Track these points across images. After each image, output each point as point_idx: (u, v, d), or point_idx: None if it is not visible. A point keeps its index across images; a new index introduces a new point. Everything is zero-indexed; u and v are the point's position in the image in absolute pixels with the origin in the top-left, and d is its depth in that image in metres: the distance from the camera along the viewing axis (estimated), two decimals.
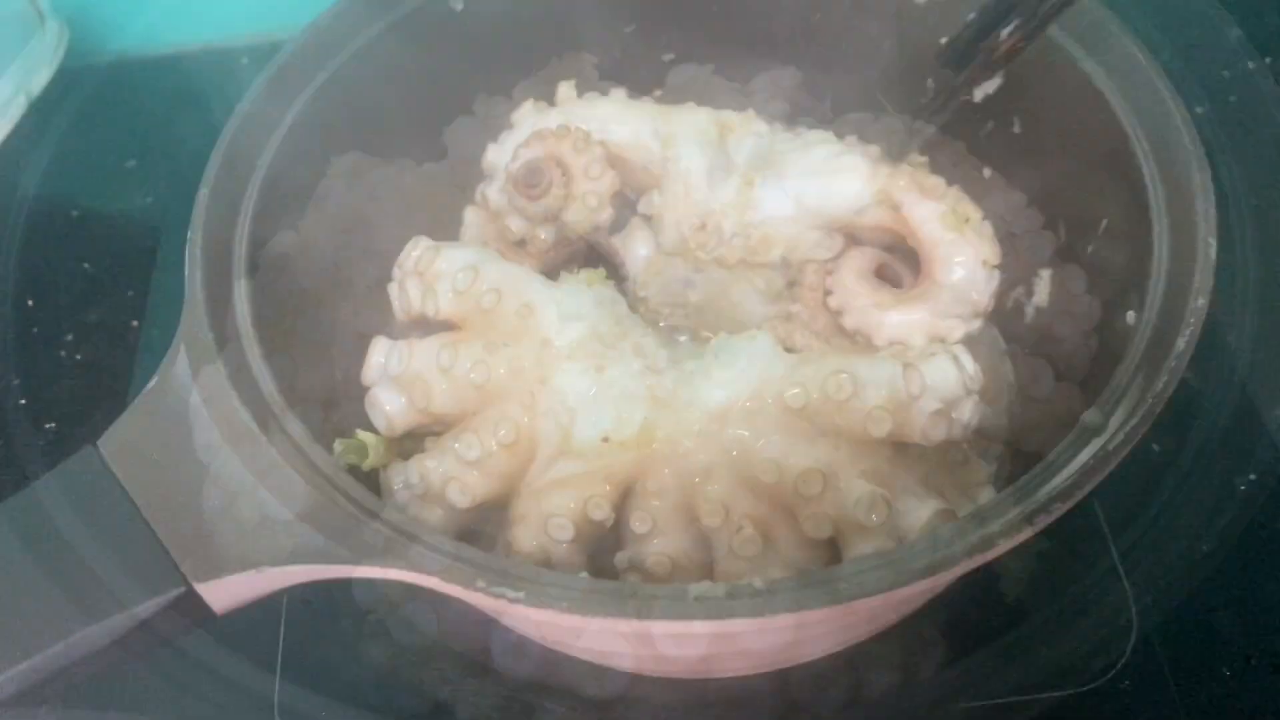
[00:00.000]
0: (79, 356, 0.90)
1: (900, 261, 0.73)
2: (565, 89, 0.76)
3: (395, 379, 0.65)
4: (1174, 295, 0.55)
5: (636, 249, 0.75)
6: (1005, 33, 0.61)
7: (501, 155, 0.75)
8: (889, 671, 0.68)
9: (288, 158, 0.64)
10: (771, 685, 0.67)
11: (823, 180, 0.71)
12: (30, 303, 0.93)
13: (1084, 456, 0.50)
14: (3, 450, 0.84)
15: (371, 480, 0.64)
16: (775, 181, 0.72)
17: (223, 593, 0.49)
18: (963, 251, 0.69)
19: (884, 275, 0.73)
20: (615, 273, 0.75)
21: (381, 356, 0.66)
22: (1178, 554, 0.72)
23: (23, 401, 0.87)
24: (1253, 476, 0.75)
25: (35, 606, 0.47)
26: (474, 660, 0.69)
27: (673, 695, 0.68)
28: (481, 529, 0.66)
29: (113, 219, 1.00)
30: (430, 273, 0.66)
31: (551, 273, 0.72)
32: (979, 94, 0.66)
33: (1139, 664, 0.68)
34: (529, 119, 0.75)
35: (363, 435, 0.64)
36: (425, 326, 0.68)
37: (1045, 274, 0.71)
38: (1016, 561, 0.67)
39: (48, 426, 0.86)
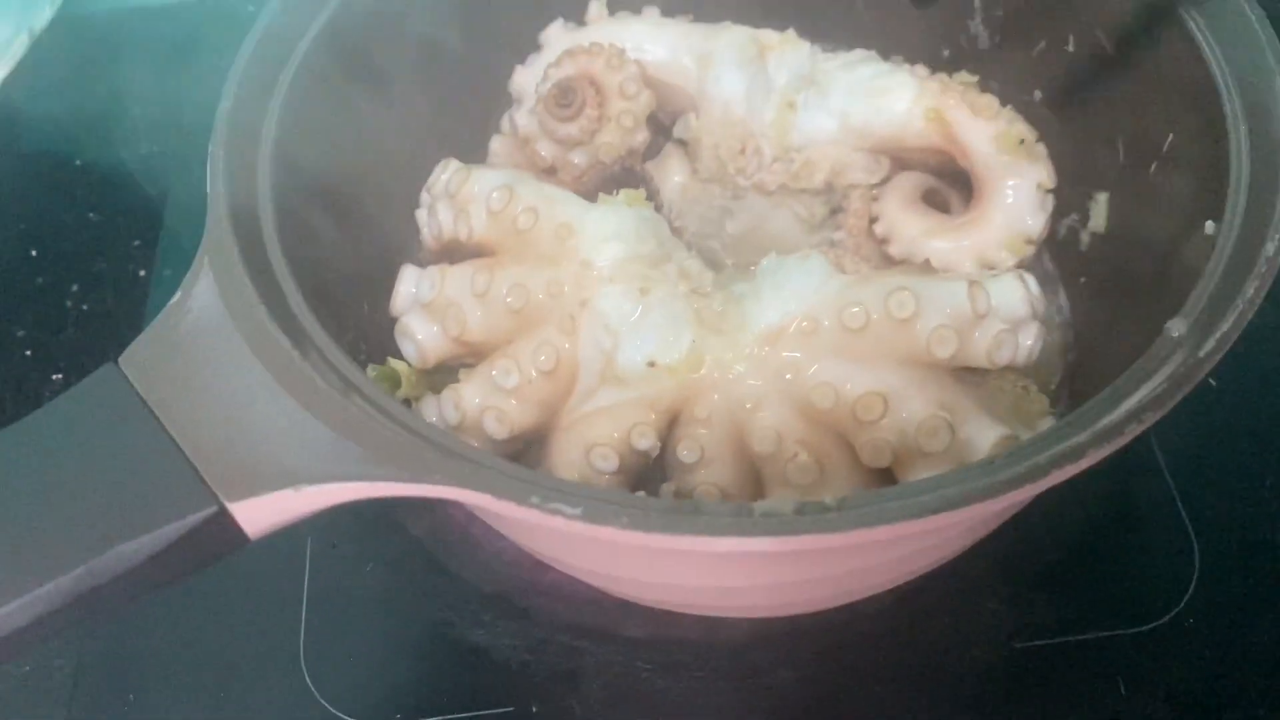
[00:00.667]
0: (85, 307, 0.87)
1: (949, 185, 0.70)
2: (596, 7, 0.72)
3: (427, 307, 0.62)
4: (1258, 202, 0.51)
5: (671, 176, 0.72)
6: None
7: (530, 78, 0.71)
8: (943, 611, 0.65)
9: (313, 72, 0.60)
10: (818, 625, 0.64)
11: (869, 99, 0.68)
12: (34, 253, 0.90)
13: (1171, 366, 0.47)
14: (9, 401, 0.82)
15: None
16: (818, 101, 0.68)
17: (257, 513, 0.45)
18: (1016, 174, 0.66)
19: (932, 201, 0.70)
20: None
21: (411, 285, 0.63)
22: (1239, 489, 0.70)
23: (29, 352, 0.85)
24: None
25: (55, 529, 0.44)
26: (508, 603, 0.67)
27: (713, 636, 0.65)
28: (520, 462, 0.64)
29: (118, 168, 0.97)
30: (462, 194, 0.63)
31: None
32: None
33: (1202, 601, 0.65)
34: (558, 39, 0.72)
35: (395, 363, 0.61)
36: (454, 253, 0.65)
37: (1102, 198, 0.68)
38: (1073, 499, 0.64)
39: (55, 377, 0.83)
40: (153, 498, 0.44)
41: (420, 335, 0.62)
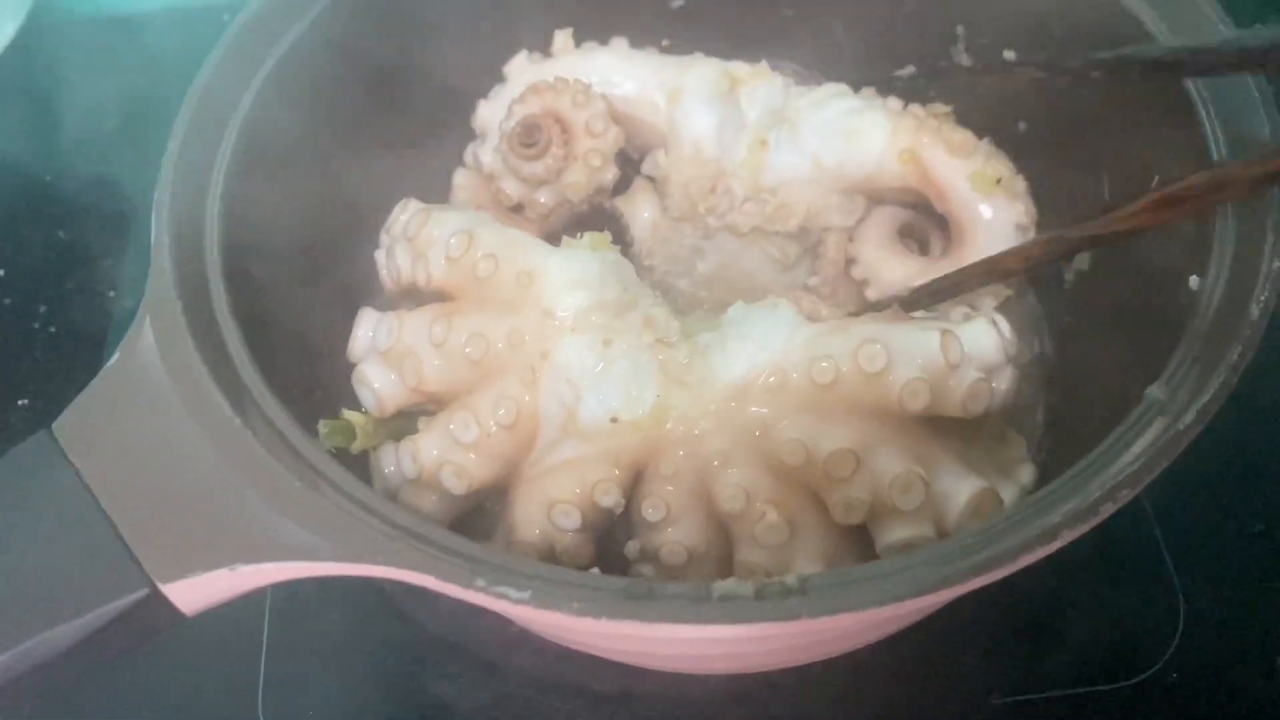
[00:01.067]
0: (53, 328, 0.86)
1: (926, 218, 0.68)
2: (562, 38, 0.70)
3: (384, 354, 0.60)
4: (1244, 258, 0.49)
5: (641, 212, 0.70)
6: None
7: (494, 112, 0.69)
8: (919, 665, 0.64)
9: (265, 111, 0.58)
10: (790, 680, 0.63)
11: (842, 140, 0.66)
12: (1, 272, 0.89)
13: (1150, 436, 0.45)
14: None
15: (359, 464, 0.59)
16: (791, 140, 0.66)
17: (192, 594, 0.43)
18: (994, 214, 0.64)
19: (910, 235, 0.68)
20: (618, 239, 0.70)
21: (369, 330, 0.61)
22: (1227, 538, 0.68)
23: None
24: None
25: None
26: (474, 655, 0.65)
27: (683, 692, 0.64)
28: (478, 517, 0.62)
29: (89, 184, 0.95)
30: (421, 238, 0.61)
31: (550, 240, 0.66)
32: None
33: (1187, 655, 0.64)
34: (523, 71, 0.70)
35: (349, 415, 0.59)
36: (415, 297, 0.63)
37: None
38: None
39: (20, 403, 0.82)
40: (82, 578, 0.43)
41: (377, 384, 0.60)
